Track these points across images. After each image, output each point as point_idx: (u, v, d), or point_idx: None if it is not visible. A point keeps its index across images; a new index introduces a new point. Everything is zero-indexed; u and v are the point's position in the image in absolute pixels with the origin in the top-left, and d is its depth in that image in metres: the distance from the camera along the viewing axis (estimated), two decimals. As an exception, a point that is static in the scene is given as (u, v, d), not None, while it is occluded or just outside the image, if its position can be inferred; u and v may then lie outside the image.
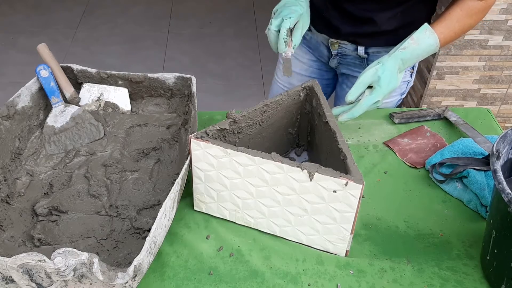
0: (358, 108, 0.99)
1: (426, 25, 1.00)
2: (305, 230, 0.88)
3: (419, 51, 1.00)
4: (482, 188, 0.96)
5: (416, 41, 0.99)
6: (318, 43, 1.25)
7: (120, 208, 0.94)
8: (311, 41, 1.27)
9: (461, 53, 2.13)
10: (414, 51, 1.00)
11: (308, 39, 1.27)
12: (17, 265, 0.67)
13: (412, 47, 0.99)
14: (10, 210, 0.93)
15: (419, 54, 1.01)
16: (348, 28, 1.14)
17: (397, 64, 0.99)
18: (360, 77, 0.98)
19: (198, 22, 3.41)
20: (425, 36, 1.00)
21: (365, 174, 1.05)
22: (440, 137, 1.13)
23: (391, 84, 0.99)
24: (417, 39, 0.99)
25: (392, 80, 0.99)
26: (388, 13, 1.09)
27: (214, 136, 0.89)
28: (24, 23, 3.34)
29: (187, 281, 0.84)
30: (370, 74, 0.98)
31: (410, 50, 0.99)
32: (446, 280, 0.85)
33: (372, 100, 0.99)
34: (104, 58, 3.02)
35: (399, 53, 0.99)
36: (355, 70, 1.24)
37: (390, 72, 0.98)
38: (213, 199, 0.92)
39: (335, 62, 1.26)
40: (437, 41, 1.01)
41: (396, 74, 1.00)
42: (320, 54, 1.28)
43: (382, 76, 0.98)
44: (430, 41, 1.00)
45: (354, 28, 1.13)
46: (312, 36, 1.25)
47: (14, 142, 1.01)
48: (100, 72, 1.11)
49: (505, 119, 2.40)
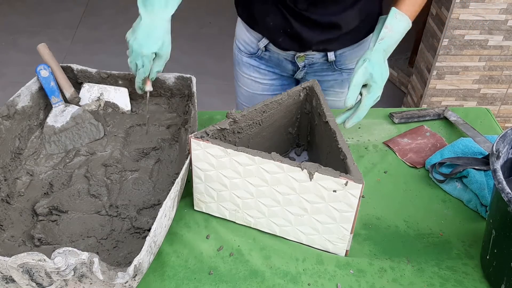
0: (362, 109, 1.00)
1: (394, 10, 1.02)
2: (305, 230, 0.88)
3: (396, 36, 1.02)
4: (482, 187, 0.96)
5: (390, 28, 1.01)
6: (280, 60, 1.21)
7: (120, 207, 0.94)
8: (271, 60, 1.23)
9: (461, 53, 2.14)
10: (392, 38, 1.01)
11: (267, 58, 1.23)
12: (17, 265, 0.67)
13: (389, 35, 1.01)
14: (10, 210, 0.93)
15: (397, 38, 1.02)
16: (317, 38, 1.12)
17: (381, 55, 1.00)
18: (352, 80, 0.98)
19: (198, 22, 3.41)
20: (397, 21, 1.01)
21: (365, 174, 1.05)
22: (440, 137, 1.13)
23: (383, 76, 1.00)
24: (391, 26, 1.01)
25: (383, 72, 1.00)
26: (350, 12, 1.09)
27: (214, 136, 0.89)
28: (24, 23, 3.34)
29: (187, 280, 0.84)
30: (361, 74, 0.98)
31: (388, 38, 1.01)
32: (446, 279, 0.85)
33: (373, 97, 1.00)
34: (104, 58, 3.02)
35: (379, 44, 1.00)
36: (323, 75, 1.23)
37: (379, 65, 0.99)
38: (213, 199, 0.92)
39: (302, 73, 1.24)
40: (409, 20, 1.02)
41: (384, 65, 1.01)
42: (283, 70, 1.24)
43: (373, 71, 0.98)
44: (403, 24, 1.02)
45: (322, 36, 1.12)
46: (271, 55, 1.21)
47: (14, 142, 1.01)
48: (100, 72, 1.11)
49: (505, 119, 2.41)
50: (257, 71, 1.27)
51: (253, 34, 1.19)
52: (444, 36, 2.08)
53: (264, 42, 1.18)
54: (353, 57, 1.20)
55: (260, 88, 1.30)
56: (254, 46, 1.22)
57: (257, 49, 1.21)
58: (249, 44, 1.22)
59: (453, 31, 2.07)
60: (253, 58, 1.24)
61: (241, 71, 1.29)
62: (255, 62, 1.25)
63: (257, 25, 1.17)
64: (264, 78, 1.28)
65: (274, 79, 1.28)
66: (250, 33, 1.20)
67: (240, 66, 1.29)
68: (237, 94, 1.38)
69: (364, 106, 0.99)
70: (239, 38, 1.25)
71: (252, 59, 1.25)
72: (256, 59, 1.24)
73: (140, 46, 0.96)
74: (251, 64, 1.26)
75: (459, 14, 2.01)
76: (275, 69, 1.26)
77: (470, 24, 2.04)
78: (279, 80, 1.28)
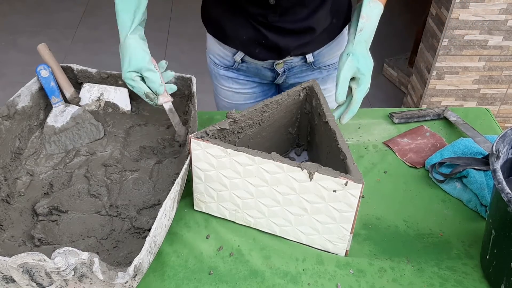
0: (354, 103, 1.00)
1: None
2: (305, 230, 0.88)
3: (373, 24, 1.02)
4: (482, 187, 0.96)
5: (367, 18, 1.01)
6: (258, 69, 1.20)
7: (120, 207, 0.94)
8: (249, 70, 1.21)
9: (461, 53, 2.14)
10: (370, 27, 1.01)
11: (244, 69, 1.21)
12: (17, 265, 0.67)
13: (367, 25, 1.01)
14: (10, 210, 0.93)
15: (375, 25, 1.03)
16: (293, 44, 1.12)
17: (363, 46, 1.00)
18: (340, 76, 0.98)
19: (198, 22, 3.40)
20: (372, 9, 1.01)
21: (365, 174, 1.05)
22: (440, 137, 1.13)
23: (369, 67, 1.00)
24: (367, 16, 1.01)
25: (368, 63, 1.00)
26: (321, 12, 1.09)
27: (214, 136, 0.89)
28: (24, 23, 3.34)
29: (187, 280, 0.84)
30: (348, 68, 0.98)
31: (367, 28, 1.01)
32: (445, 279, 0.85)
33: (363, 90, 1.00)
34: (104, 58, 3.02)
35: (359, 36, 1.00)
36: (303, 76, 1.23)
37: (363, 57, 0.99)
38: (213, 199, 0.92)
39: (282, 79, 1.23)
40: (381, 6, 1.02)
41: (368, 55, 1.01)
42: (263, 78, 1.23)
43: (359, 64, 0.98)
44: (377, 10, 1.02)
45: (298, 41, 1.11)
46: (249, 66, 1.20)
47: (14, 142, 1.01)
48: (100, 72, 1.12)
49: (505, 119, 2.41)
50: (236, 82, 1.25)
51: (226, 47, 1.17)
52: (444, 36, 2.08)
53: (240, 55, 1.16)
54: (331, 54, 1.20)
55: (242, 98, 1.28)
56: (229, 60, 1.20)
57: (233, 62, 1.19)
58: (224, 58, 1.20)
59: (453, 31, 2.07)
60: (230, 71, 1.22)
61: (220, 84, 1.27)
62: (233, 74, 1.23)
63: (229, 40, 1.15)
64: (244, 88, 1.26)
65: (255, 87, 1.26)
66: (223, 47, 1.18)
67: (218, 79, 1.27)
68: (219, 107, 1.36)
69: (356, 99, 1.00)
70: (212, 52, 1.23)
71: (230, 71, 1.23)
72: (234, 71, 1.22)
73: (122, 73, 0.97)
74: (229, 77, 1.24)
75: (459, 14, 2.01)
76: (254, 78, 1.24)
77: (470, 24, 2.05)
78: (260, 87, 1.27)
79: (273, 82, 1.26)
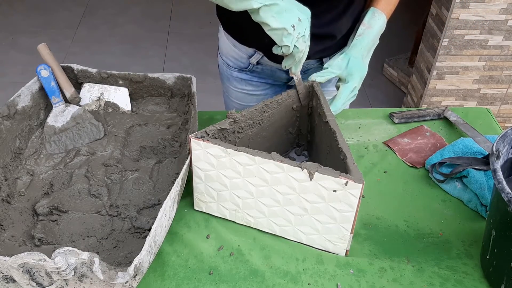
0: (338, 99, 1.01)
1: (373, 9, 1.05)
2: (305, 230, 0.88)
3: (373, 34, 1.05)
4: (482, 187, 0.96)
5: (368, 26, 1.04)
6: (273, 71, 1.19)
7: (120, 207, 0.94)
8: (263, 72, 1.20)
9: (461, 53, 2.14)
10: (369, 35, 1.04)
11: (259, 71, 1.20)
12: (17, 265, 0.67)
13: (367, 32, 1.04)
14: (10, 210, 0.93)
15: (374, 36, 1.05)
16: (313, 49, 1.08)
17: (359, 51, 1.03)
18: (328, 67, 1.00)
19: (198, 22, 3.41)
20: (375, 19, 1.05)
21: (365, 174, 1.05)
22: (440, 137, 1.13)
23: (360, 69, 1.02)
24: (369, 24, 1.04)
25: (359, 66, 1.02)
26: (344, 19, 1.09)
27: (214, 135, 0.89)
28: (24, 23, 3.34)
29: (187, 280, 0.84)
30: (335, 63, 1.01)
31: (366, 35, 1.04)
32: (445, 279, 0.85)
33: (349, 88, 1.01)
34: (104, 58, 3.02)
35: (357, 40, 1.03)
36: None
37: (355, 58, 1.02)
38: (213, 199, 0.92)
39: None
40: (385, 19, 1.06)
41: (362, 61, 1.03)
42: (277, 80, 1.23)
43: (349, 63, 1.01)
44: (380, 22, 1.05)
45: (318, 46, 1.10)
46: (264, 68, 1.19)
47: (14, 142, 1.01)
48: (101, 72, 1.12)
49: (505, 119, 2.41)
50: (249, 84, 1.25)
51: (242, 49, 1.16)
52: (444, 36, 2.09)
53: (256, 57, 1.16)
54: None
55: (254, 99, 1.28)
56: (244, 62, 1.19)
57: (248, 64, 1.19)
58: (238, 60, 1.19)
59: (453, 31, 2.07)
60: (244, 73, 1.22)
61: (232, 86, 1.27)
62: (247, 75, 1.23)
63: (248, 41, 1.14)
64: (257, 90, 1.26)
65: (267, 88, 1.26)
66: (238, 49, 1.17)
67: (230, 81, 1.26)
68: (228, 108, 1.35)
69: (340, 95, 1.01)
70: (226, 54, 1.22)
71: (243, 73, 1.22)
72: (248, 72, 1.22)
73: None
74: (242, 79, 1.24)
75: (459, 14, 2.01)
76: (267, 80, 1.24)
77: (470, 24, 2.05)
78: (272, 89, 1.27)
79: (286, 83, 1.26)
